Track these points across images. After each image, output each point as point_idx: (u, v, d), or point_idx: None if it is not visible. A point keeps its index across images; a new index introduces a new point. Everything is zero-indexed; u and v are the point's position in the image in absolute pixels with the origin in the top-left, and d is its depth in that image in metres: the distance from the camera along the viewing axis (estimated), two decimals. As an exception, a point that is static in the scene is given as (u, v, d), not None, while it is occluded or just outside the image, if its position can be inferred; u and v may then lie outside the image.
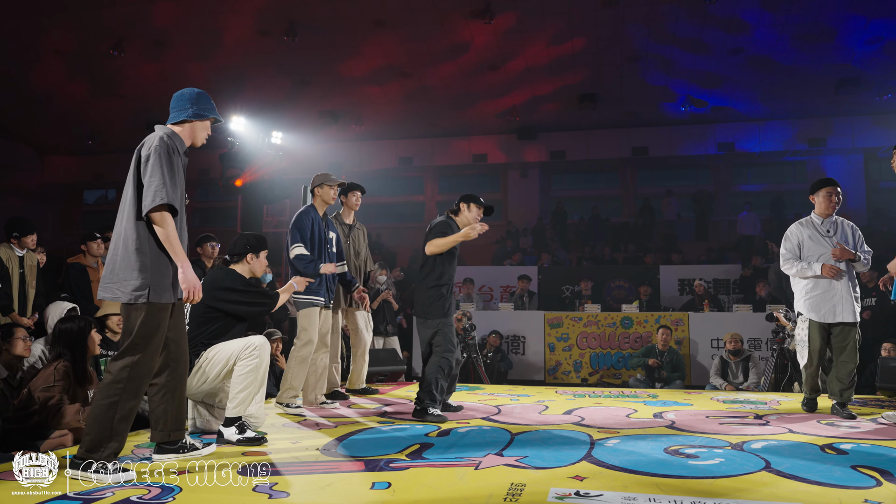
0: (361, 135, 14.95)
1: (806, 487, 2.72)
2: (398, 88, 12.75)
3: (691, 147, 14.92)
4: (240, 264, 4.10)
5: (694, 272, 10.90)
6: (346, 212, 5.63)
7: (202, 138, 3.22)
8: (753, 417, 4.59)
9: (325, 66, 11.57)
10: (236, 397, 3.61)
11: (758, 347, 8.36)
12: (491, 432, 3.94)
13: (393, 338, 8.05)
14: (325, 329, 4.98)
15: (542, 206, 16.09)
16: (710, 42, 10.72)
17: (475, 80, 12.28)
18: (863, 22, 9.93)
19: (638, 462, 3.13)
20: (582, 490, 2.65)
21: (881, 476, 2.87)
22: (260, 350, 3.66)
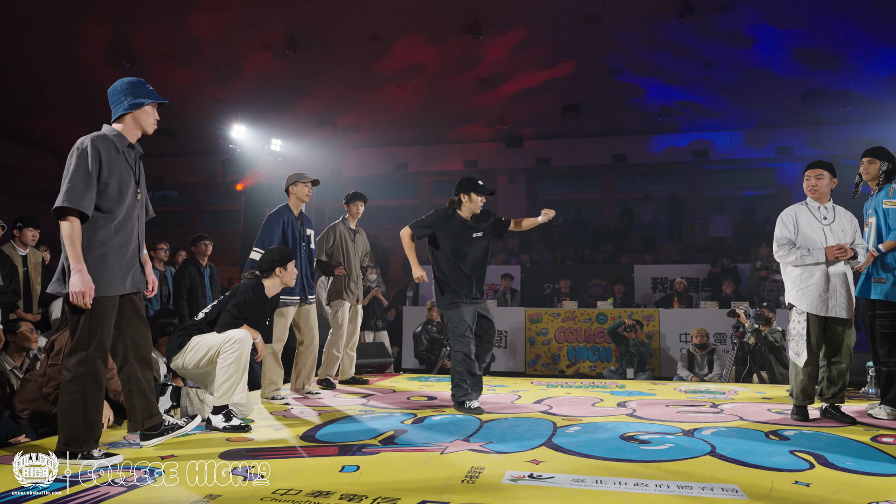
0: (359, 142, 14.98)
1: (744, 470, 2.75)
2: (394, 98, 12.77)
3: (668, 154, 14.97)
4: (270, 278, 4.18)
5: (666, 271, 10.95)
6: (351, 218, 5.76)
7: (150, 124, 3.07)
8: (710, 406, 4.61)
9: (325, 77, 11.59)
10: (220, 387, 3.64)
11: (722, 342, 8.40)
12: (462, 420, 3.96)
13: (382, 332, 8.08)
14: (311, 323, 5.00)
15: (529, 209, 16.10)
16: (684, 56, 10.75)
17: (466, 91, 12.32)
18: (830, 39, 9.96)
19: (593, 447, 3.16)
20: (535, 473, 2.68)
21: (815, 460, 2.91)
22: (240, 343, 3.69)
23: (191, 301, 6.01)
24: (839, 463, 2.86)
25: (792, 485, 2.53)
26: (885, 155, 4.25)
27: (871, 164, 4.25)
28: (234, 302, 3.98)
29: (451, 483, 2.53)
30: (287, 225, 4.88)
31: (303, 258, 4.91)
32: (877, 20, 9.23)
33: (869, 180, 4.29)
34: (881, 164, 4.22)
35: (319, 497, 2.34)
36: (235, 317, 3.93)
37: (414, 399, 4.93)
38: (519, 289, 10.82)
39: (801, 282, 4.00)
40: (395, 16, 9.57)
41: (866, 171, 4.28)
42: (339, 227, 5.69)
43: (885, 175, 4.22)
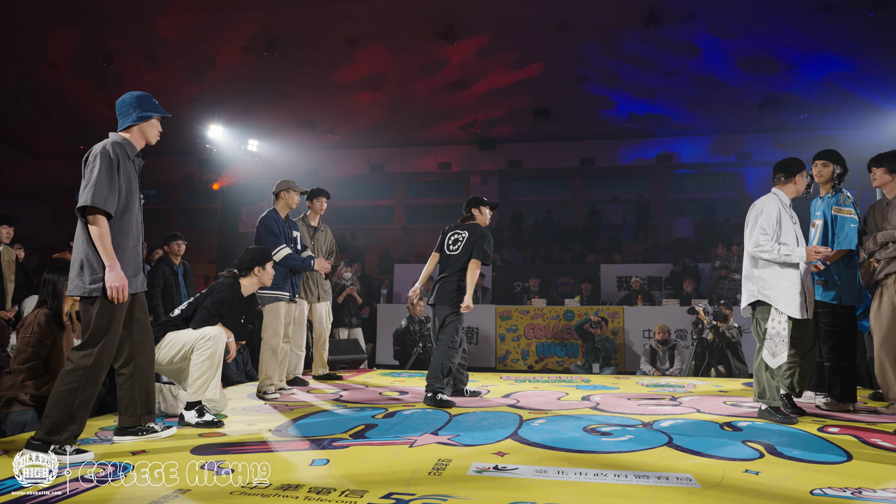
0: (336, 143, 14.89)
1: (698, 460, 2.80)
2: (370, 102, 12.73)
3: (634, 158, 15.18)
4: (248, 277, 4.13)
5: (631, 270, 11.09)
6: (312, 215, 5.65)
7: (154, 136, 3.16)
8: (669, 399, 4.68)
9: (302, 80, 11.51)
10: (194, 384, 3.59)
11: (683, 338, 8.54)
12: (432, 414, 3.96)
13: (357, 329, 8.04)
14: (288, 321, 4.96)
15: (501, 210, 16.19)
16: (650, 65, 10.91)
17: (440, 94, 12.33)
18: (782, 50, 10.20)
19: (557, 440, 3.18)
20: (500, 464, 2.69)
21: (765, 449, 2.97)
22: (214, 340, 3.65)
23: (166, 300, 5.91)
24: (787, 452, 2.92)
25: (742, 473, 2.58)
26: (838, 158, 4.30)
27: (825, 167, 4.27)
28: (210, 300, 3.93)
29: (417, 475, 2.53)
30: (279, 225, 4.86)
31: None
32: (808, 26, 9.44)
33: (822, 183, 4.31)
34: (834, 167, 4.26)
35: (288, 490, 2.32)
36: (212, 314, 3.88)
37: (386, 394, 4.91)
38: (490, 287, 10.86)
39: (786, 285, 3.73)
40: (371, 21, 9.54)
41: (820, 173, 4.30)
42: (299, 224, 5.55)
43: (837, 178, 4.28)
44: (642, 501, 2.23)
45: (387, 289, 10.92)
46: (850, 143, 12.75)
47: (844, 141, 12.87)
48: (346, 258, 9.13)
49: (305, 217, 5.63)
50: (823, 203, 4.32)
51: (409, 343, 7.68)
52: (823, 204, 4.31)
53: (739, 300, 8.91)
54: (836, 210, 4.21)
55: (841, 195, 4.24)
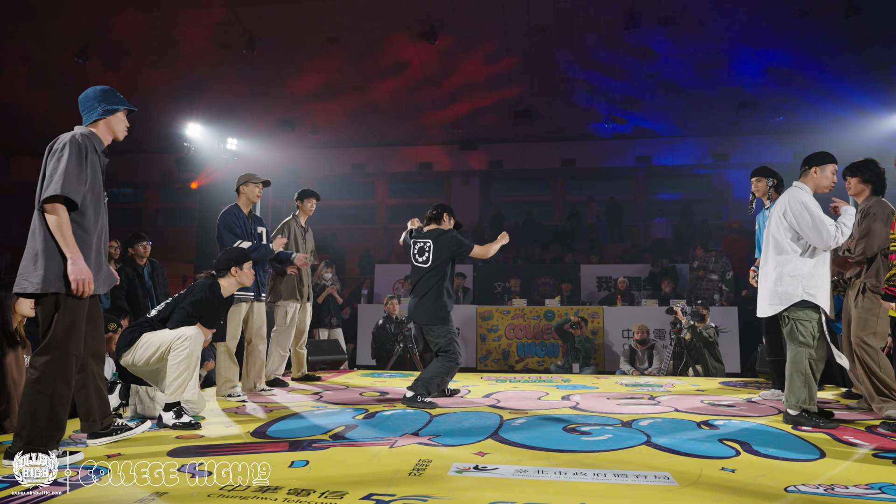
0: (317, 143, 14.79)
1: (675, 458, 2.84)
2: (351, 101, 12.66)
3: (613, 160, 15.30)
4: (226, 278, 4.08)
5: (610, 271, 11.19)
6: (302, 215, 5.67)
7: (121, 130, 3.07)
8: (648, 398, 4.74)
9: (282, 78, 11.40)
10: (171, 384, 3.54)
11: (662, 337, 8.64)
12: (413, 415, 3.96)
13: (337, 330, 8.00)
14: (260, 322, 4.91)
15: (483, 210, 16.24)
16: (629, 67, 11.00)
17: (421, 94, 12.31)
18: (758, 55, 10.35)
19: (537, 439, 3.20)
20: (481, 464, 2.70)
21: (741, 447, 3.02)
22: (192, 340, 3.60)
23: (132, 302, 5.80)
24: (762, 450, 2.97)
25: (719, 471, 2.62)
26: (769, 173, 4.77)
27: (759, 181, 4.78)
28: (189, 300, 3.88)
29: (398, 476, 2.53)
30: (240, 221, 4.79)
31: None
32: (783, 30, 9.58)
33: (761, 196, 4.79)
34: (767, 180, 4.74)
35: (267, 492, 2.30)
36: (190, 315, 3.83)
37: (366, 395, 4.90)
38: (471, 287, 10.88)
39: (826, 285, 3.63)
40: (352, 20, 9.49)
41: (756, 188, 4.79)
42: (292, 223, 5.57)
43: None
44: (621, 500, 2.25)
45: (367, 289, 10.89)
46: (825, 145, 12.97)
47: (819, 143, 13.12)
48: (326, 258, 9.08)
49: (296, 217, 5.64)
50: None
51: (387, 342, 7.66)
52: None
53: (716, 300, 9.07)
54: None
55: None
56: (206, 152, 11.06)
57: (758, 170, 4.83)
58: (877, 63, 10.28)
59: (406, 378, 6.14)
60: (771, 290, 3.73)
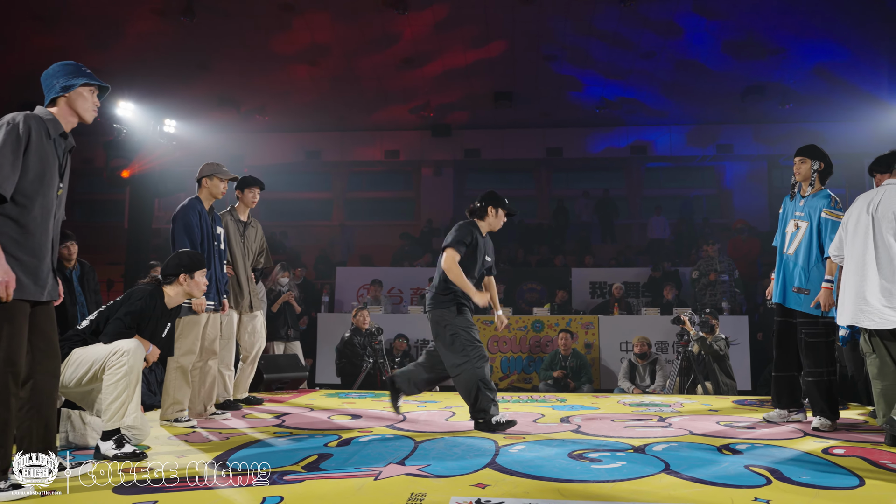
0: (266, 126, 14.60)
1: (701, 488, 2.87)
2: (306, 78, 12.53)
3: (605, 149, 15.46)
4: (173, 286, 3.99)
5: (605, 275, 11.30)
6: (242, 208, 5.55)
7: (87, 110, 2.98)
8: (657, 420, 4.80)
9: (226, 50, 11.22)
10: (109, 409, 3.44)
11: (664, 350, 8.77)
12: (394, 441, 3.94)
13: (295, 343, 7.91)
14: (214, 335, 4.83)
15: (456, 205, 16.22)
16: (625, 44, 11.12)
17: (389, 73, 12.25)
18: (769, 33, 10.59)
19: (541, 468, 3.21)
20: (483, 498, 2.69)
21: (771, 474, 3.08)
22: (130, 355, 3.50)
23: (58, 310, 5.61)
24: (795, 477, 3.03)
25: (752, 501, 2.66)
26: (817, 154, 4.55)
27: (803, 163, 4.55)
28: (125, 310, 3.79)
29: (390, 513, 2.50)
30: (202, 219, 4.69)
31: (215, 261, 4.73)
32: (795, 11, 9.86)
33: (801, 180, 4.58)
34: (812, 163, 4.52)
35: (241, 534, 2.25)
36: (127, 326, 3.74)
37: (336, 419, 4.87)
38: (447, 294, 10.85)
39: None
40: (311, -17, 9.40)
41: (798, 170, 4.58)
42: (226, 218, 5.40)
43: (817, 175, 4.52)
44: (650, 536, 2.27)
45: (328, 296, 10.79)
46: (837, 136, 13.43)
47: (831, 134, 13.52)
48: (282, 260, 8.97)
49: (233, 210, 5.52)
50: (807, 202, 4.53)
51: (355, 358, 7.60)
52: (807, 203, 4.52)
53: (725, 308, 9.24)
54: (827, 214, 4.42)
55: (831, 198, 4.46)
56: (140, 135, 10.82)
57: (805, 148, 4.60)
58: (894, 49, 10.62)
59: (378, 398, 6.10)
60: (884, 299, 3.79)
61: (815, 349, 4.42)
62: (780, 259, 4.68)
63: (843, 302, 4.02)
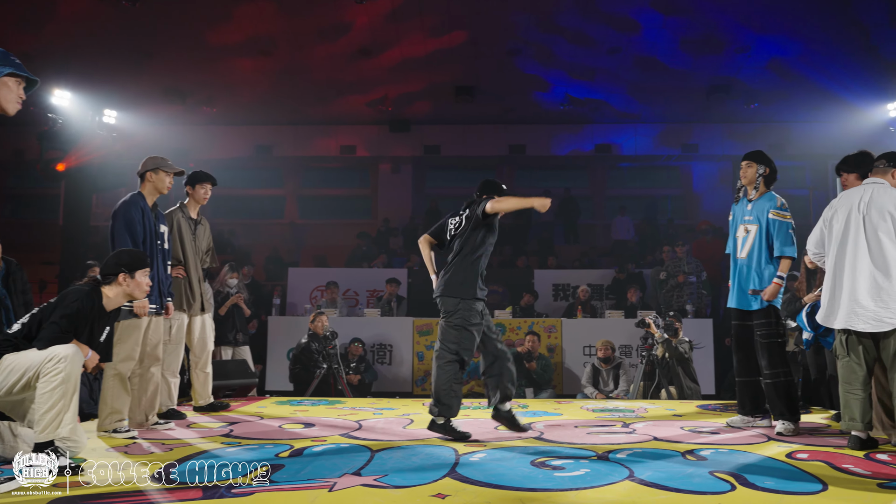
0: (213, 118, 14.36)
1: (666, 495, 2.93)
2: (258, 68, 12.37)
3: (569, 147, 15.64)
4: (112, 287, 3.88)
5: (568, 277, 11.42)
6: (192, 205, 5.51)
7: (11, 101, 2.92)
8: (621, 426, 4.89)
9: (172, 37, 11.02)
10: (43, 419, 3.34)
11: (628, 354, 8.90)
12: (349, 450, 3.93)
13: (243, 347, 7.82)
14: (156, 339, 4.74)
15: (416, 203, 16.22)
16: (591, 39, 11.26)
17: (345, 65, 12.17)
18: (728, 29, 10.83)
19: (503, 476, 3.24)
20: (443, 509, 2.70)
21: (735, 480, 3.16)
22: (67, 362, 3.40)
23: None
24: (759, 483, 3.12)
25: (717, 508, 2.72)
26: (763, 159, 4.82)
27: (749, 167, 4.81)
28: (61, 312, 3.68)
29: (345, 526, 2.49)
30: (145, 217, 4.59)
31: (158, 260, 4.64)
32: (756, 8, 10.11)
33: (747, 184, 4.83)
34: (758, 167, 4.78)
35: (186, 551, 2.21)
36: (63, 330, 3.64)
37: (287, 427, 4.83)
38: (406, 296, 10.86)
39: None
40: (262, -31, 9.30)
41: (744, 174, 4.83)
42: (177, 215, 5.36)
43: (762, 179, 4.77)
44: (614, 546, 2.30)
45: (279, 298, 10.67)
46: (803, 136, 13.86)
47: (796, 134, 13.94)
48: (230, 260, 8.82)
49: (184, 207, 5.46)
50: (755, 206, 4.75)
51: (310, 364, 7.55)
52: (755, 207, 4.75)
53: (689, 311, 9.42)
54: (775, 214, 4.64)
55: (777, 199, 4.71)
56: (78, 126, 10.56)
57: (752, 153, 4.86)
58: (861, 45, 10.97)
59: (332, 406, 6.08)
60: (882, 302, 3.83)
61: (770, 350, 4.61)
62: (734, 264, 4.87)
63: (832, 303, 4.04)
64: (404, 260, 12.92)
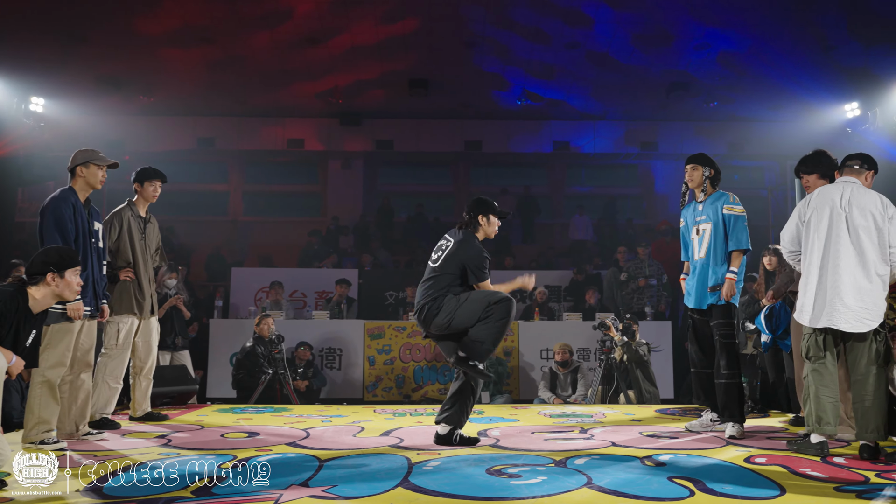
0: (151, 108, 14.05)
1: (625, 502, 2.99)
2: (199, 56, 12.14)
3: (526, 144, 15.75)
4: (40, 287, 3.75)
5: (527, 278, 11.49)
6: (141, 203, 5.50)
7: None
8: (579, 431, 4.97)
9: (106, 21, 10.74)
10: (-39, 430, 3.24)
11: (586, 358, 9.01)
12: (296, 460, 3.90)
13: (183, 352, 7.69)
14: (89, 344, 4.64)
15: (367, 201, 16.16)
16: (549, 33, 11.36)
17: (293, 53, 12.03)
18: (695, 27, 11.07)
19: (458, 485, 3.26)
20: (395, 520, 2.69)
21: (694, 486, 3.24)
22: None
23: None
24: (718, 488, 3.20)
25: (676, 515, 2.78)
26: (707, 161, 5.04)
27: (695, 170, 4.99)
28: None
29: (292, 540, 2.47)
30: (77, 214, 4.48)
31: (92, 260, 4.53)
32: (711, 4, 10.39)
33: (694, 187, 5.04)
34: (704, 170, 4.98)
35: (120, 571, 2.16)
36: None
37: (230, 437, 4.76)
38: (357, 297, 10.81)
39: None
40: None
41: (691, 178, 5.04)
42: (125, 214, 5.33)
43: (708, 181, 4.98)
44: (572, 555, 2.33)
45: (221, 300, 10.50)
46: (763, 135, 14.22)
47: (756, 133, 14.31)
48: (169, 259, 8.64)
49: (133, 205, 5.46)
50: (705, 206, 4.94)
51: (255, 369, 7.45)
52: (706, 207, 4.93)
53: (648, 313, 9.60)
54: (728, 209, 4.83)
55: (729, 195, 4.92)
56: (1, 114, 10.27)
57: (695, 157, 5.07)
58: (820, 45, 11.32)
59: (278, 414, 6.02)
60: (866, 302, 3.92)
61: (728, 350, 4.77)
62: (693, 266, 5.01)
63: (812, 302, 4.02)
64: (355, 260, 12.87)
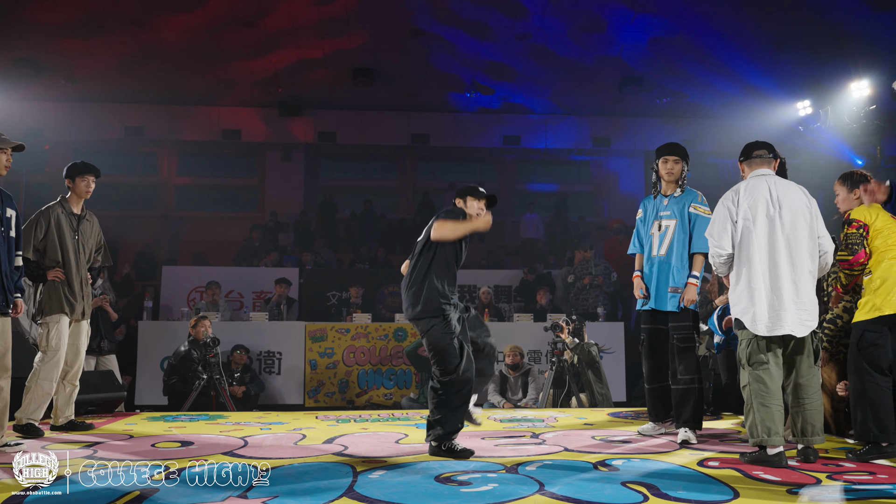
0: (75, 95, 13.75)
1: (578, 509, 3.04)
2: (126, 39, 11.94)
3: (476, 139, 15.88)
4: None
5: (474, 278, 11.58)
6: (75, 199, 5.40)
7: None
8: (530, 436, 5.01)
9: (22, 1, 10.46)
10: None
11: (538, 360, 9.12)
12: (234, 470, 3.82)
13: (109, 357, 7.54)
14: (3, 346, 4.48)
15: (308, 196, 16.05)
16: (497, 23, 11.48)
17: (227, 36, 11.89)
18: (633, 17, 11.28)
19: (406, 494, 3.27)
20: (340, 532, 2.69)
21: (648, 491, 3.30)
22: None
23: None
24: (671, 492, 3.28)
25: (629, 521, 2.84)
26: (687, 157, 4.99)
27: (677, 164, 4.93)
28: None
29: (231, 555, 2.44)
30: None
31: (2, 250, 4.41)
32: None
33: (672, 181, 4.96)
34: (684, 165, 4.96)
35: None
36: None
37: (162, 446, 4.67)
38: (297, 298, 10.72)
39: None
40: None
41: (671, 170, 4.93)
42: (56, 211, 5.23)
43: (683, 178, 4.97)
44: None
45: (151, 300, 10.29)
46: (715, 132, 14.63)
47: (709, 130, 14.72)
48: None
49: (65, 201, 5.36)
50: (672, 202, 4.94)
51: (189, 375, 7.33)
52: (672, 203, 4.93)
53: (600, 314, 9.76)
54: (696, 208, 4.86)
55: (698, 194, 4.93)
56: None
57: (679, 150, 4.96)
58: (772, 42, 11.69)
59: (213, 421, 5.93)
60: (807, 303, 4.00)
61: (687, 354, 4.79)
62: (650, 263, 4.95)
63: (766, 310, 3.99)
64: (296, 258, 12.76)
